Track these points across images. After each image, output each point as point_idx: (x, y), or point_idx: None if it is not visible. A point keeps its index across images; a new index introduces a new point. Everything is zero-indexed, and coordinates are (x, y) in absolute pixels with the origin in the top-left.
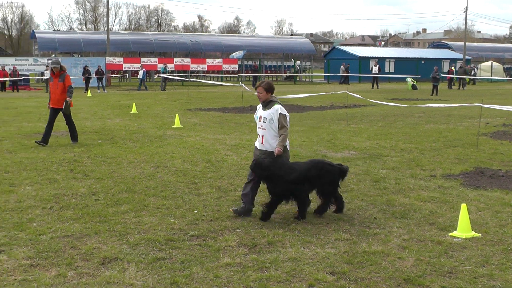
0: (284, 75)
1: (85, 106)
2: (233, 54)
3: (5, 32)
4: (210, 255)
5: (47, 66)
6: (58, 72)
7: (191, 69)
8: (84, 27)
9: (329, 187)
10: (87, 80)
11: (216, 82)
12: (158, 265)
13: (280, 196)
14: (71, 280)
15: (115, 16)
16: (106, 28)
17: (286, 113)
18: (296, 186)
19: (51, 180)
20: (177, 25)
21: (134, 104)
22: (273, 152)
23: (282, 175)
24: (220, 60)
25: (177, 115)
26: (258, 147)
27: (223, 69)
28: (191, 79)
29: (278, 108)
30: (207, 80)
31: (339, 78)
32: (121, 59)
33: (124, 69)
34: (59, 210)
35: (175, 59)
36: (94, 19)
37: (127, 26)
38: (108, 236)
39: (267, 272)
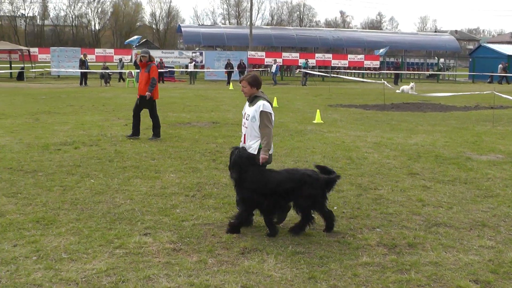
0: (427, 73)
1: (227, 98)
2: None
3: (153, 26)
4: (349, 253)
5: (191, 59)
6: (146, 63)
7: (332, 65)
8: (227, 21)
9: (305, 201)
10: (229, 74)
11: (357, 79)
12: (296, 258)
13: (247, 205)
14: (212, 267)
15: (258, 11)
16: (249, 23)
17: (270, 111)
18: (261, 198)
19: (194, 169)
20: (319, 21)
21: (275, 98)
22: (253, 155)
23: (249, 182)
24: (362, 56)
25: (318, 111)
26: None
27: (365, 66)
28: (332, 75)
29: (261, 105)
30: (348, 76)
31: (487, 77)
32: (263, 53)
33: (265, 63)
34: (201, 198)
35: (316, 55)
36: (237, 14)
37: (269, 21)
38: (248, 227)
39: (407, 275)
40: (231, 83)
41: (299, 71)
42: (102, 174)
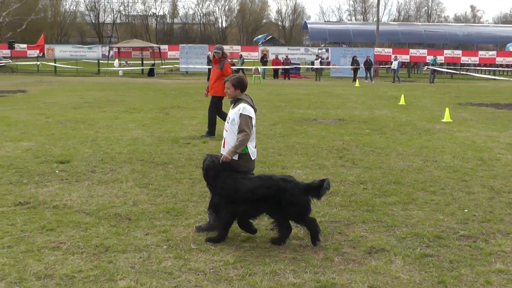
0: None
1: (353, 95)
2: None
3: (279, 23)
4: (481, 258)
5: (317, 55)
6: (218, 59)
7: (461, 62)
8: (353, 18)
9: (279, 210)
10: (355, 70)
11: (488, 76)
12: (425, 261)
13: (220, 211)
14: (338, 265)
15: (385, 6)
16: (375, 19)
17: (250, 114)
18: (229, 205)
19: (320, 166)
20: (448, 16)
21: (402, 95)
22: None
23: (220, 188)
24: (494, 52)
25: (447, 109)
26: (221, 152)
27: (497, 62)
28: (461, 72)
29: (241, 108)
30: (478, 73)
31: None
32: (390, 50)
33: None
34: (327, 196)
35: (445, 51)
36: (363, 10)
37: (396, 17)
38: (375, 226)
39: None
40: (357, 80)
41: (427, 68)
42: None
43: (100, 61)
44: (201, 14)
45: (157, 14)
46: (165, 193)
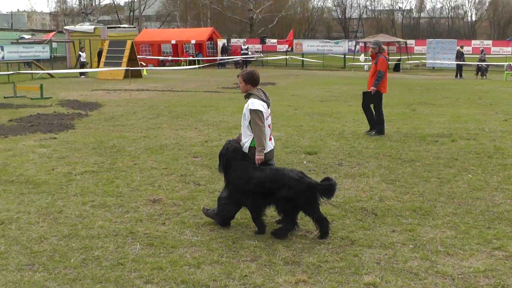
0: None
1: None
2: None
3: None
4: None
5: None
6: (375, 54)
7: None
8: None
9: (284, 204)
10: None
11: None
12: None
13: (231, 201)
14: None
15: None
16: None
17: (258, 108)
18: (241, 196)
19: None
20: None
21: None
22: (240, 149)
23: (232, 177)
24: None
25: None
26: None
27: None
28: None
29: (250, 103)
30: None
31: None
32: None
33: None
34: None
35: None
36: None
37: None
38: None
39: None
40: None
41: None
42: (481, 169)
43: (346, 56)
44: (449, 8)
45: (403, 8)
46: (412, 190)
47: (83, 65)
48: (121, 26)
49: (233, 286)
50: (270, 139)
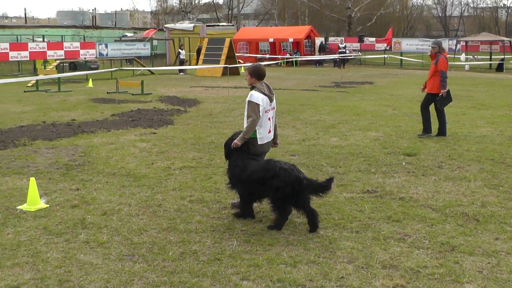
0: None
1: None
2: None
3: None
4: None
5: None
6: (435, 54)
7: None
8: None
9: (273, 193)
10: None
11: None
12: None
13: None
14: None
15: None
16: None
17: (256, 101)
18: (236, 182)
19: None
20: None
21: None
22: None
23: (231, 166)
24: None
25: None
26: None
27: None
28: None
29: (250, 95)
30: None
31: None
32: None
33: None
34: None
35: None
36: None
37: None
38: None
39: None
40: None
41: None
42: None
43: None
44: None
45: (508, 5)
46: None
47: (182, 62)
48: (220, 24)
49: (330, 287)
50: (270, 131)
